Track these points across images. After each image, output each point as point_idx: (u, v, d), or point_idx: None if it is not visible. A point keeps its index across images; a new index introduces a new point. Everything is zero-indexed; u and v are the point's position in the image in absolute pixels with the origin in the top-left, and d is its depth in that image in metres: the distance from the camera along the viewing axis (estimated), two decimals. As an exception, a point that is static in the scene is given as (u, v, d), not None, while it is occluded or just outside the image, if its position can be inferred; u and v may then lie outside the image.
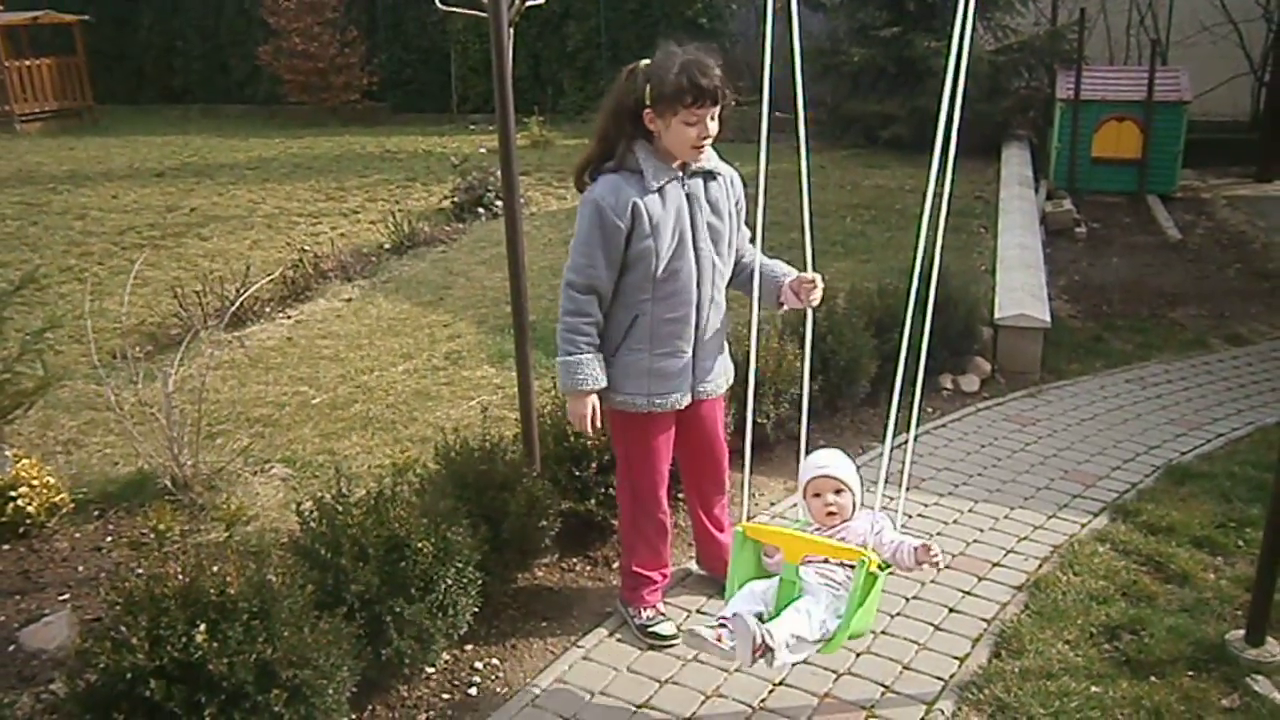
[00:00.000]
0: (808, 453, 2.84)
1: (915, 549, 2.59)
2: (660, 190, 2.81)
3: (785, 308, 3.06)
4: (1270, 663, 3.00)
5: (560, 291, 2.89)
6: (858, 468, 2.84)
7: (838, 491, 2.69)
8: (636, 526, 3.17)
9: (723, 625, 2.51)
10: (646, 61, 2.81)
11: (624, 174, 2.81)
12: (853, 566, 2.52)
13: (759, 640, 2.37)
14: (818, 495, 2.70)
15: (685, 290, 2.88)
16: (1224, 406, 5.11)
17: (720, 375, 3.11)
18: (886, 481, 2.86)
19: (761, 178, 2.63)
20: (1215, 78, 10.95)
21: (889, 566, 2.60)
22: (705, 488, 3.32)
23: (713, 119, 2.79)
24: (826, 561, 2.59)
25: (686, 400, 3.02)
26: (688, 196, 2.86)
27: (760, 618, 2.49)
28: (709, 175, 2.91)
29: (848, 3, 11.59)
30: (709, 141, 2.83)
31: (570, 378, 2.88)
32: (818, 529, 2.71)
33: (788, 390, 4.37)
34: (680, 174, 2.86)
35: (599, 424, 2.96)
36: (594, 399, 2.91)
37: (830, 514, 2.68)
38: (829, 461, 2.74)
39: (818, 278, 2.94)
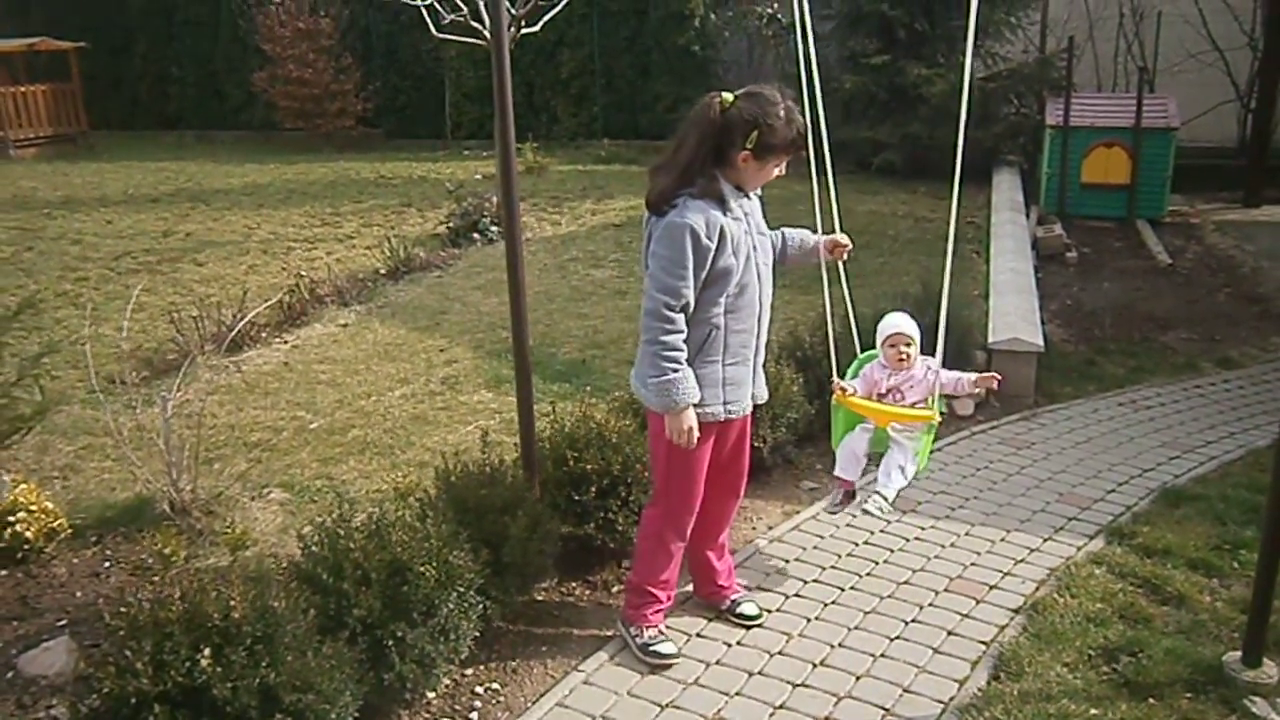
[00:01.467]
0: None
1: (974, 379, 3.50)
2: (734, 214, 2.95)
3: (814, 260, 3.43)
4: (1267, 684, 3.02)
5: (647, 316, 2.92)
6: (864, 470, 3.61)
7: (908, 344, 3.48)
8: (661, 540, 3.19)
9: (841, 491, 3.69)
10: (730, 97, 2.91)
11: (708, 200, 2.91)
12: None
13: (880, 510, 3.43)
14: (893, 346, 3.49)
15: (753, 303, 3.05)
16: (1216, 429, 5.15)
17: (764, 382, 3.27)
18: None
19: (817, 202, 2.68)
20: (1202, 104, 11.10)
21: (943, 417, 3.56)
22: (725, 502, 3.36)
23: None
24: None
25: (749, 406, 3.16)
26: (747, 216, 3.02)
27: (865, 464, 3.61)
28: (749, 195, 3.08)
29: (838, 30, 11.72)
30: None
31: (675, 395, 2.92)
32: (886, 368, 3.53)
33: (784, 415, 4.40)
34: (746, 198, 3.04)
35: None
36: (693, 412, 2.97)
37: (900, 360, 3.48)
38: (901, 321, 3.53)
39: (845, 238, 3.41)
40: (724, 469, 3.25)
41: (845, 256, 3.41)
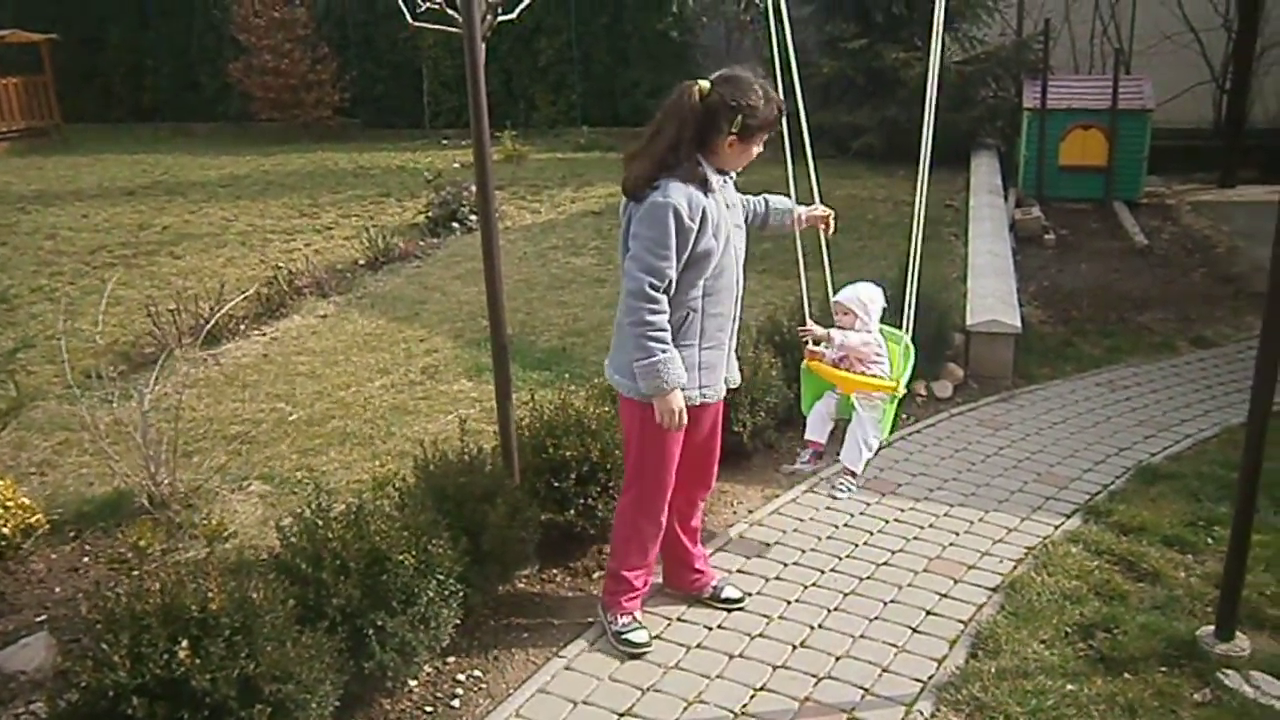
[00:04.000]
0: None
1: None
2: (715, 196, 2.95)
3: (801, 227, 3.40)
4: (1239, 657, 3.06)
5: (630, 298, 2.88)
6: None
7: (845, 314, 3.54)
8: (636, 527, 3.19)
9: (811, 451, 3.67)
10: (705, 83, 2.90)
11: (691, 181, 2.91)
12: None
13: (848, 487, 3.56)
14: (840, 313, 3.57)
15: (730, 286, 3.05)
16: (1192, 408, 5.20)
17: (736, 366, 3.27)
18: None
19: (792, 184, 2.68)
20: (1178, 86, 11.14)
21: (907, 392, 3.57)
22: (695, 487, 3.36)
23: None
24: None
25: (723, 390, 3.17)
26: (725, 198, 3.02)
27: (832, 427, 3.66)
28: (727, 176, 3.08)
29: (816, 15, 11.70)
30: None
31: (665, 376, 2.90)
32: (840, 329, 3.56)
33: (764, 399, 4.42)
34: (725, 180, 3.04)
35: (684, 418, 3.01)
36: (681, 393, 2.97)
37: (844, 315, 3.55)
38: (850, 292, 3.58)
39: (829, 210, 3.41)
40: (697, 455, 3.25)
41: (829, 227, 3.42)
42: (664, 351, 2.90)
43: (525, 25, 12.89)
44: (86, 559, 3.74)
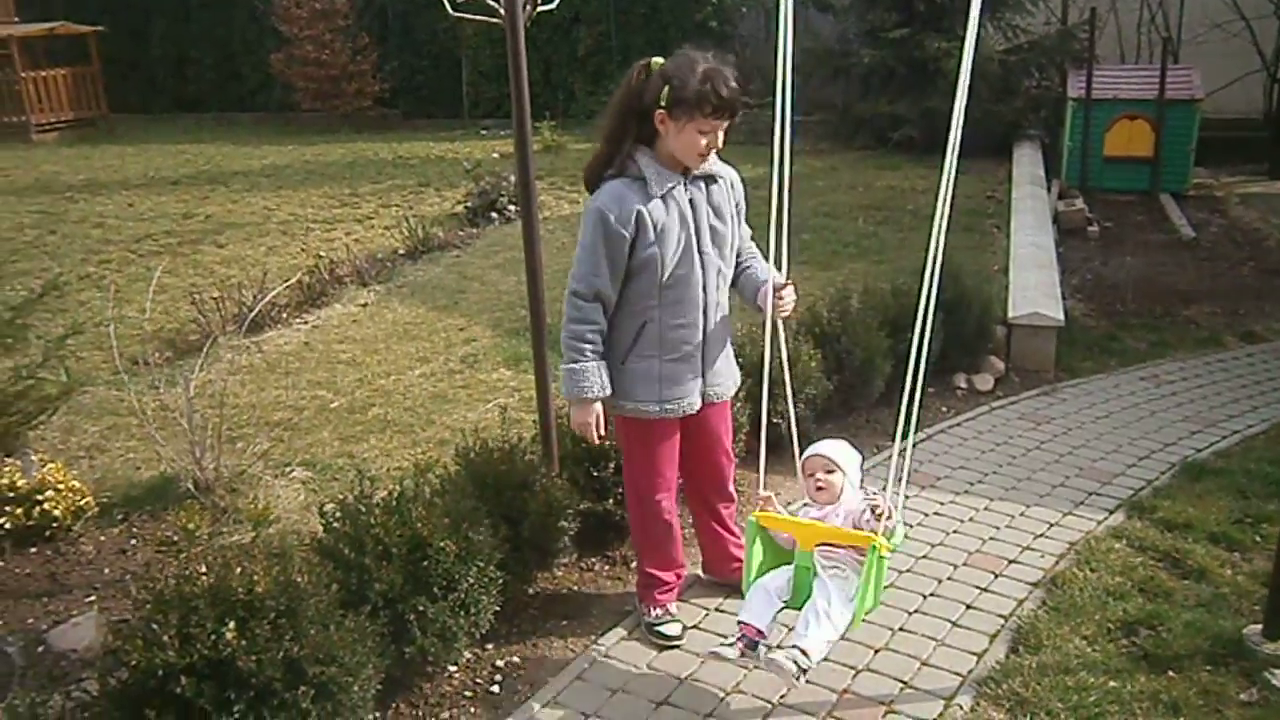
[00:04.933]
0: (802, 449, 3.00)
1: (873, 510, 2.73)
2: (664, 197, 2.80)
3: (762, 313, 2.95)
4: (1288, 657, 3.01)
5: (565, 300, 2.88)
6: (864, 460, 3.05)
7: (828, 471, 2.88)
8: (645, 529, 3.20)
9: (742, 638, 2.74)
10: (660, 60, 2.80)
11: (627, 180, 2.81)
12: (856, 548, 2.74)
13: (796, 669, 2.60)
14: (811, 475, 2.91)
15: (692, 296, 2.89)
16: (1240, 404, 5.11)
17: (728, 378, 3.13)
18: (901, 481, 2.87)
19: (775, 180, 2.66)
20: (1227, 75, 10.93)
21: (895, 549, 2.78)
22: (709, 495, 3.32)
23: (724, 131, 2.80)
24: (834, 545, 2.78)
25: (697, 404, 3.03)
26: (691, 202, 2.86)
27: (781, 609, 2.80)
28: (710, 179, 2.91)
29: (857, 4, 11.62)
30: (712, 152, 2.83)
31: (575, 385, 2.88)
32: (807, 504, 2.93)
33: (803, 391, 4.39)
34: (683, 179, 2.85)
35: (604, 431, 2.97)
36: (598, 406, 2.92)
37: (820, 489, 2.88)
38: (824, 445, 2.94)
39: (790, 286, 2.90)
40: (697, 463, 3.20)
41: (786, 309, 2.91)
42: (577, 361, 2.85)
43: (564, 15, 12.96)
44: (134, 541, 3.81)
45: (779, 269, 2.89)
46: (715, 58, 2.77)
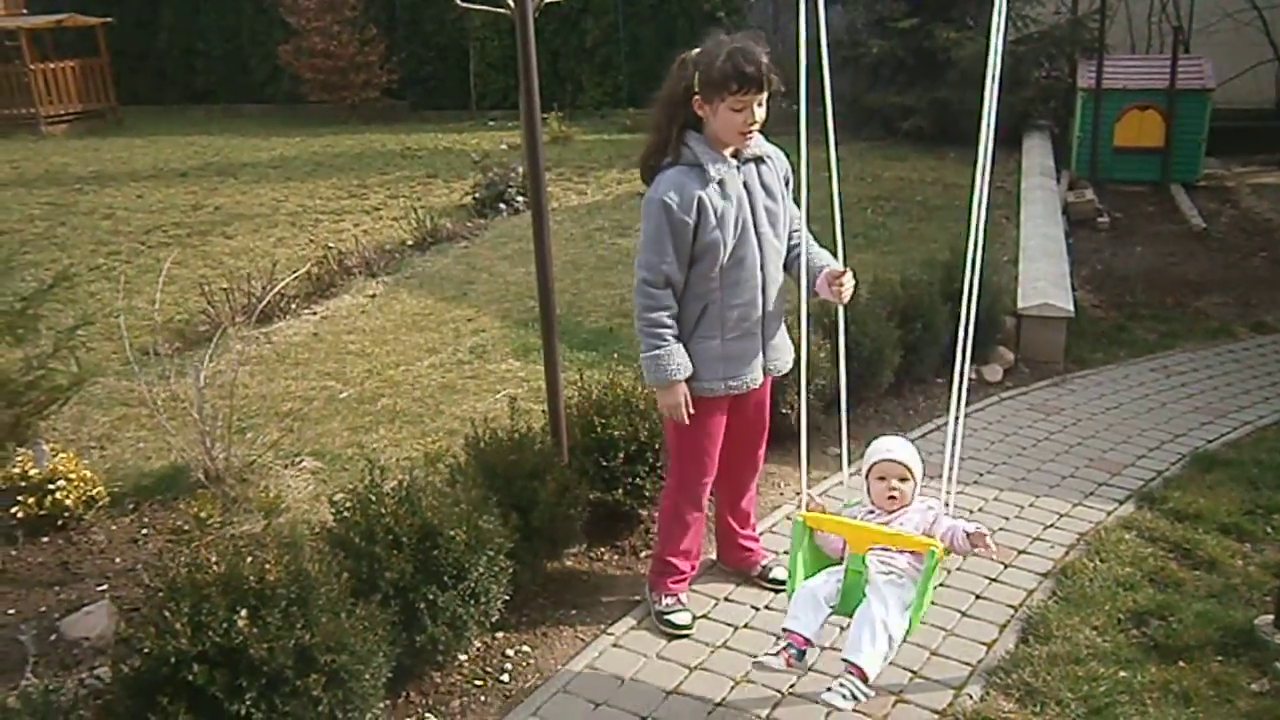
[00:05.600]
0: (846, 439, 2.91)
1: (969, 534, 2.64)
2: (720, 181, 2.87)
3: (819, 297, 3.06)
4: (1299, 647, 3.00)
5: (635, 290, 2.93)
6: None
7: (902, 479, 2.73)
8: (678, 511, 3.20)
9: (788, 647, 2.59)
10: (697, 50, 2.86)
11: (683, 168, 2.86)
12: (914, 553, 2.61)
13: (853, 701, 2.46)
14: (882, 479, 2.74)
15: (751, 276, 2.96)
16: (1250, 395, 5.09)
17: (786, 353, 3.19)
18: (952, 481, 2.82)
19: (804, 169, 2.67)
20: (1238, 65, 10.86)
21: (948, 552, 2.67)
22: (742, 472, 3.35)
23: (760, 105, 2.84)
24: (887, 549, 2.63)
25: (759, 379, 3.09)
26: (745, 185, 2.92)
27: (829, 615, 2.65)
28: (759, 160, 2.97)
29: (866, -6, 11.57)
30: (756, 127, 2.88)
31: (661, 370, 2.92)
32: (873, 512, 2.75)
33: (812, 381, 4.38)
34: (735, 162, 2.92)
35: (692, 410, 2.98)
36: (684, 387, 2.96)
37: (892, 499, 2.72)
38: (897, 447, 2.78)
39: (848, 272, 2.97)
40: (740, 440, 3.23)
41: (846, 296, 2.95)
42: (660, 346, 2.90)
43: (572, 7, 12.94)
44: (145, 531, 3.83)
45: (836, 256, 2.99)
46: (745, 36, 2.84)
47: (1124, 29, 11.64)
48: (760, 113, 2.84)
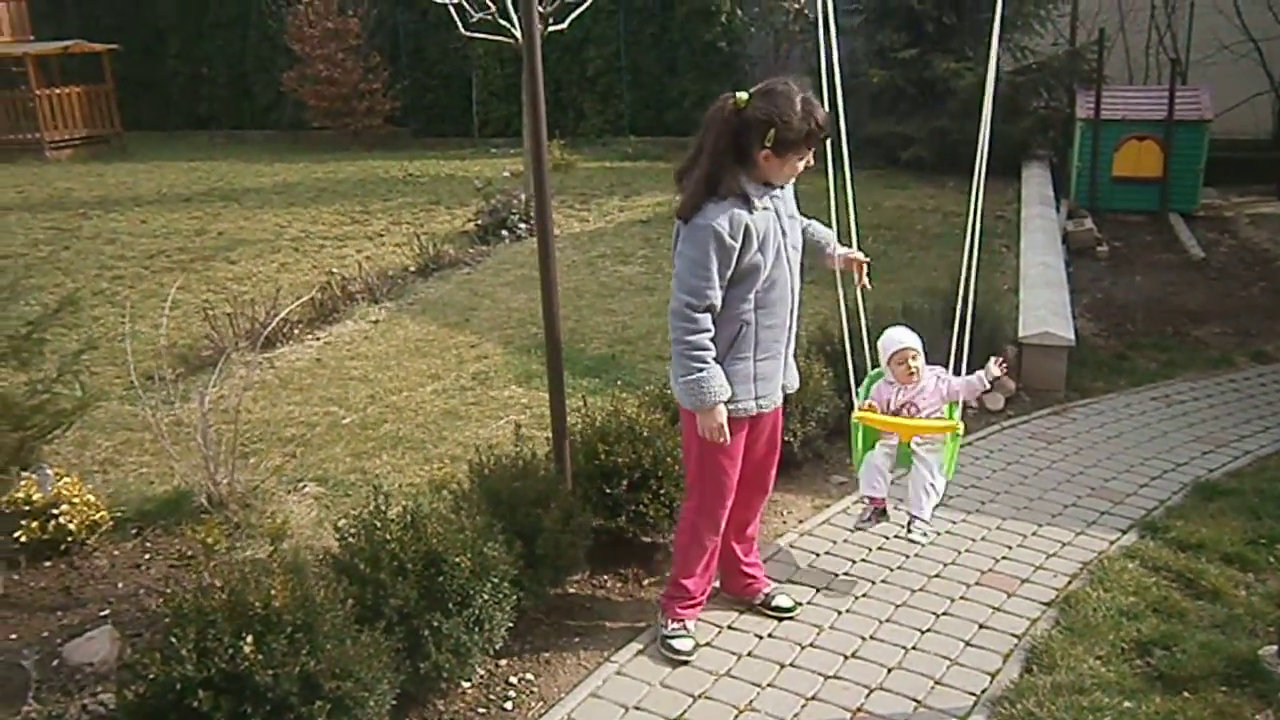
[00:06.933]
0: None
1: (980, 376, 3.49)
2: (763, 209, 2.95)
3: (832, 267, 3.40)
4: (1304, 678, 3.00)
5: (672, 316, 2.95)
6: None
7: (914, 356, 3.51)
8: (696, 534, 3.21)
9: (871, 509, 3.70)
10: (744, 96, 2.89)
11: (733, 199, 2.92)
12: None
13: (925, 540, 3.60)
14: (901, 362, 3.52)
15: (783, 298, 3.05)
16: (1251, 424, 5.10)
17: (795, 373, 3.29)
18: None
19: (833, 196, 2.69)
20: (1236, 96, 10.95)
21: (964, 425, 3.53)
22: (753, 496, 3.37)
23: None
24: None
25: (780, 397, 3.18)
26: (776, 211, 3.01)
27: (890, 476, 3.61)
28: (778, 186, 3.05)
29: (866, 25, 11.66)
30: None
31: (704, 394, 2.95)
32: (892, 384, 3.56)
33: (814, 409, 4.41)
34: (771, 190, 3.00)
35: (730, 432, 3.02)
36: (724, 409, 2.99)
37: (910, 374, 3.51)
38: (905, 336, 3.55)
39: (865, 261, 3.37)
40: (757, 462, 3.27)
41: (863, 274, 3.40)
42: (702, 369, 2.93)
43: (574, 36, 13.01)
44: (148, 556, 3.83)
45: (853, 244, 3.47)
46: (797, 82, 2.93)
47: (1122, 60, 11.75)
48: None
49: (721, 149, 2.89)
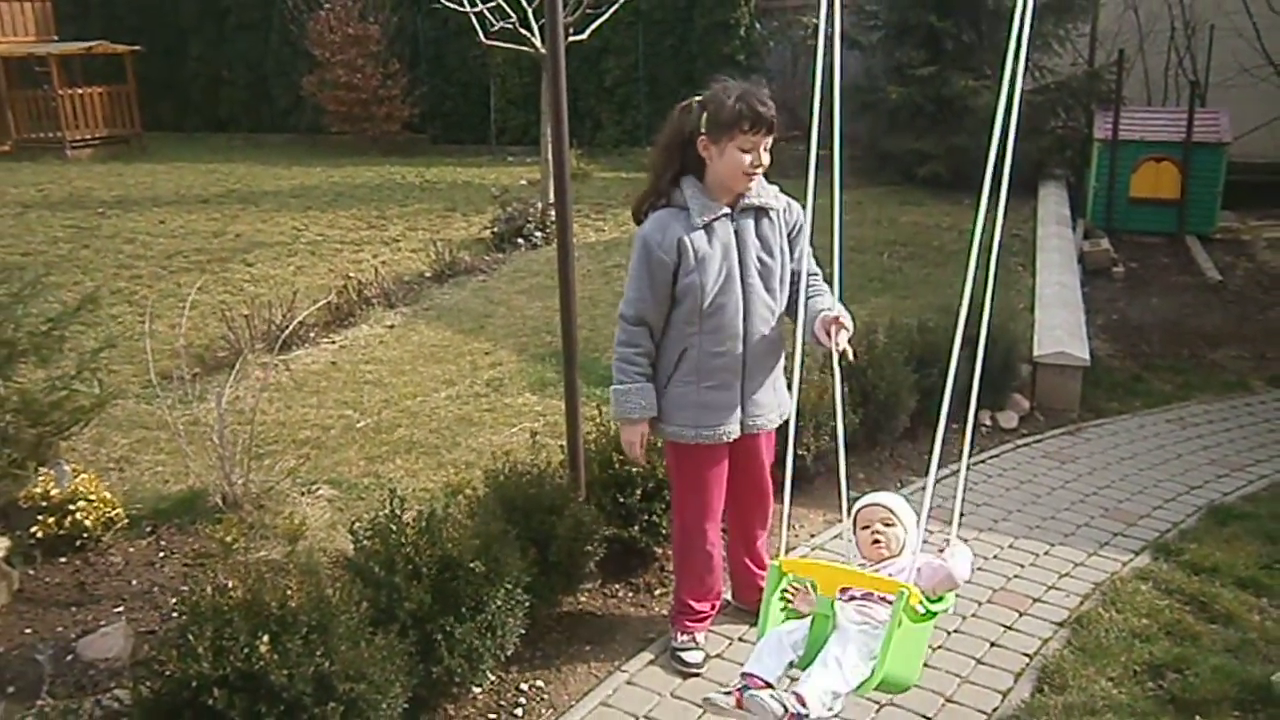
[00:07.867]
0: (848, 485, 2.62)
1: (940, 563, 2.37)
2: (707, 227, 2.88)
3: (819, 347, 2.92)
4: (1318, 705, 2.98)
5: (617, 324, 3.01)
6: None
7: (886, 523, 2.49)
8: (684, 556, 3.23)
9: (745, 687, 2.28)
10: (700, 96, 2.90)
11: (672, 210, 2.91)
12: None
13: (782, 710, 2.19)
14: (866, 527, 2.52)
15: (731, 325, 2.94)
16: (1267, 448, 5.08)
17: (772, 410, 3.11)
18: (929, 517, 2.75)
19: (810, 209, 2.67)
20: (1255, 119, 10.93)
21: (940, 604, 2.35)
22: (749, 521, 3.36)
23: (765, 149, 2.86)
24: (869, 596, 2.34)
25: (735, 432, 3.05)
26: (736, 233, 2.92)
27: (791, 664, 2.36)
28: (761, 212, 2.96)
29: (885, 41, 11.69)
30: (760, 170, 2.88)
31: (620, 406, 2.99)
32: (863, 564, 2.51)
33: (828, 423, 4.40)
34: (729, 211, 2.91)
35: (645, 452, 3.04)
36: (644, 427, 3.01)
37: (875, 543, 2.47)
38: (881, 496, 2.61)
39: (846, 317, 2.84)
40: (744, 488, 3.24)
41: (843, 343, 2.84)
42: (623, 382, 2.95)
43: (593, 46, 13.05)
44: (162, 554, 3.85)
45: (835, 296, 2.88)
46: (751, 82, 2.90)
47: (1141, 81, 11.73)
48: (765, 157, 2.87)
49: (665, 146, 2.91)
